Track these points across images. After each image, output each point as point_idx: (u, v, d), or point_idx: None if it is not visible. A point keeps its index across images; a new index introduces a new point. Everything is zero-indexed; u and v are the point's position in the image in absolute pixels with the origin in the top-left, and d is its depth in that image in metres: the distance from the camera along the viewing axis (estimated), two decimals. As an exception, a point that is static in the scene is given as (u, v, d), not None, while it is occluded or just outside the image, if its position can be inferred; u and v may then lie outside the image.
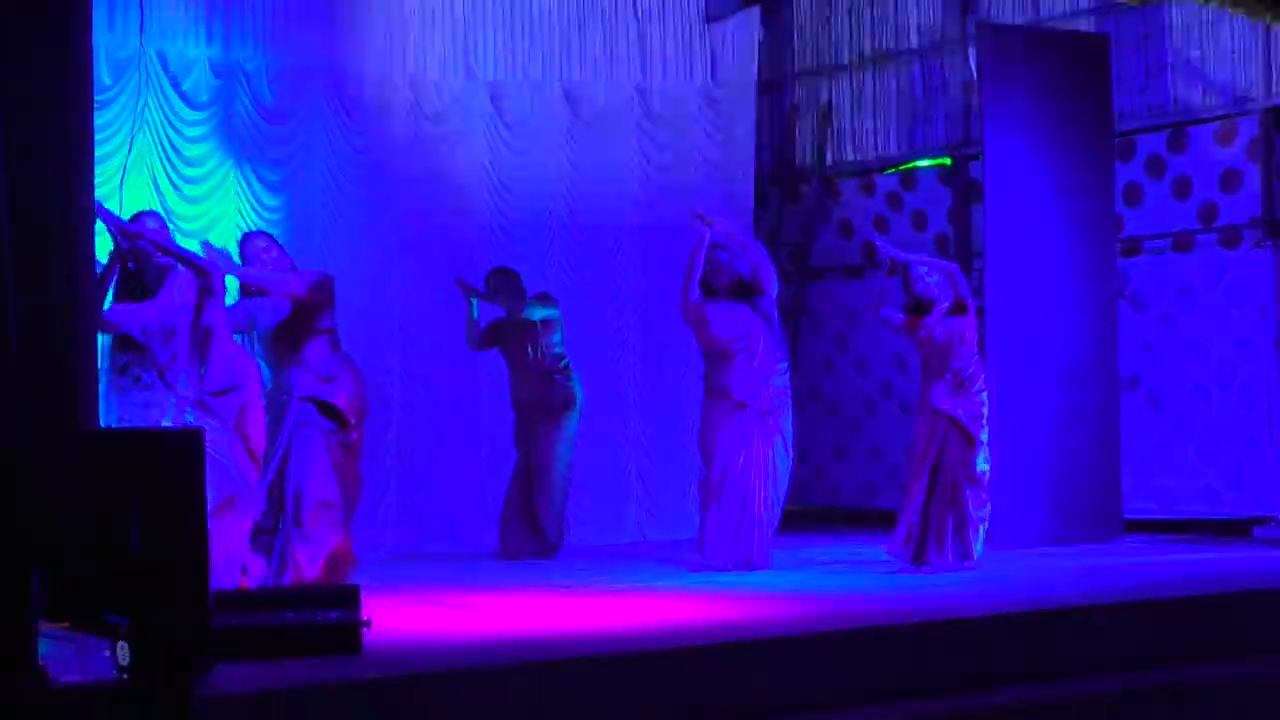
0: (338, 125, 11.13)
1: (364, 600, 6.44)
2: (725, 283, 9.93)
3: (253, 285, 8.81)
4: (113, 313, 7.92)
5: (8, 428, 5.11)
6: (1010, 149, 10.98)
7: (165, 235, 8.20)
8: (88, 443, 5.69)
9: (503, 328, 10.94)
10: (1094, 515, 11.08)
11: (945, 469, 9.52)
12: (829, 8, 13.78)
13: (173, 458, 5.43)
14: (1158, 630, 7.72)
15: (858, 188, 13.58)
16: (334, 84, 11.13)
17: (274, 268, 8.85)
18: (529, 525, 10.81)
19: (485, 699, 5.92)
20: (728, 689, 6.42)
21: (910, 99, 13.37)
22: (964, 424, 9.55)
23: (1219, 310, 11.55)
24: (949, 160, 13.06)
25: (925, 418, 9.67)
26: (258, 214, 10.69)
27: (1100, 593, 8.16)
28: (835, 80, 13.77)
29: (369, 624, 6.38)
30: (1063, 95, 11.23)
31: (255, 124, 10.81)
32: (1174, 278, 11.79)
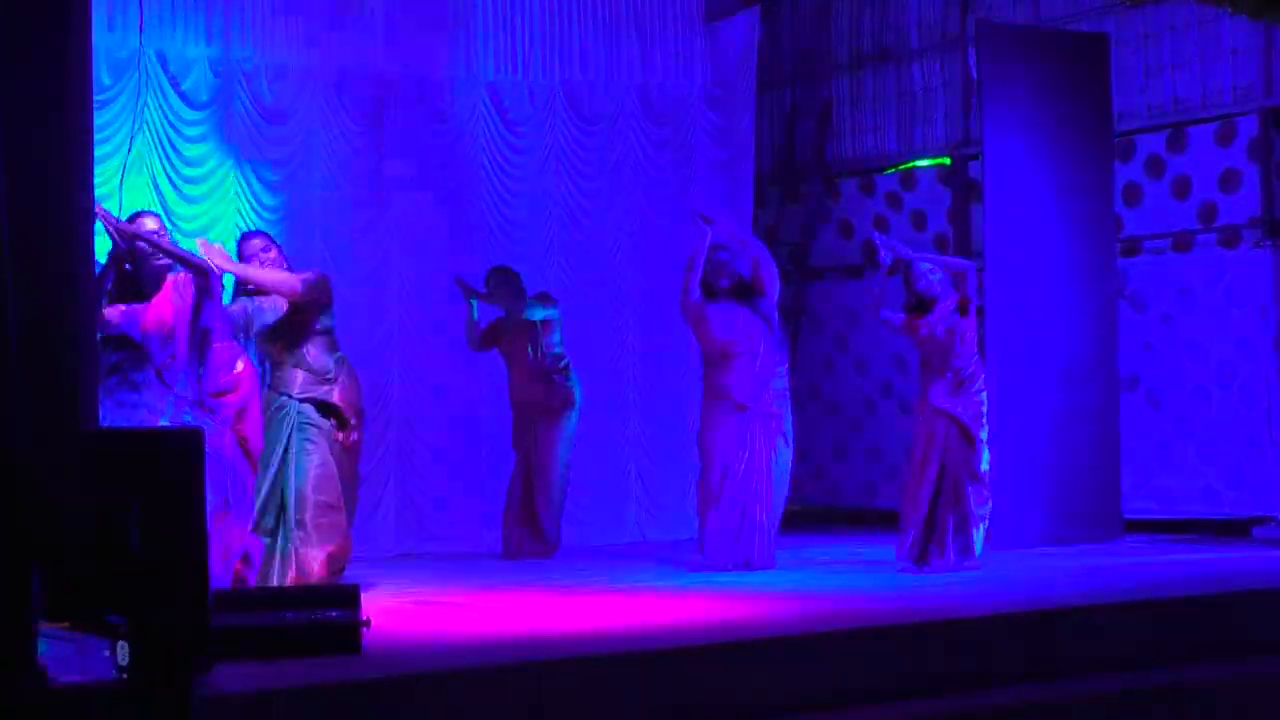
0: (338, 125, 11.13)
1: (364, 600, 6.44)
2: (726, 284, 9.92)
3: (251, 284, 8.80)
4: (111, 313, 7.91)
5: (8, 428, 5.11)
6: (1010, 149, 10.97)
7: (164, 236, 8.19)
8: (88, 443, 5.67)
9: (503, 328, 10.94)
10: (1094, 515, 11.08)
11: (949, 470, 9.52)
12: (829, 8, 13.78)
13: (173, 458, 5.42)
14: (1158, 630, 7.71)
15: (858, 187, 13.58)
16: (334, 84, 11.13)
17: (272, 267, 8.84)
18: (529, 525, 10.82)
19: (485, 699, 5.91)
20: (728, 689, 6.42)
21: (910, 99, 13.37)
22: (964, 423, 9.54)
23: (1219, 310, 11.54)
24: (949, 160, 13.05)
25: (925, 417, 9.66)
26: (257, 214, 10.70)
27: (1100, 593, 8.16)
28: (835, 80, 13.77)
29: (369, 624, 6.37)
30: (1062, 95, 11.23)
31: (255, 124, 10.81)
32: (1174, 278, 11.79)
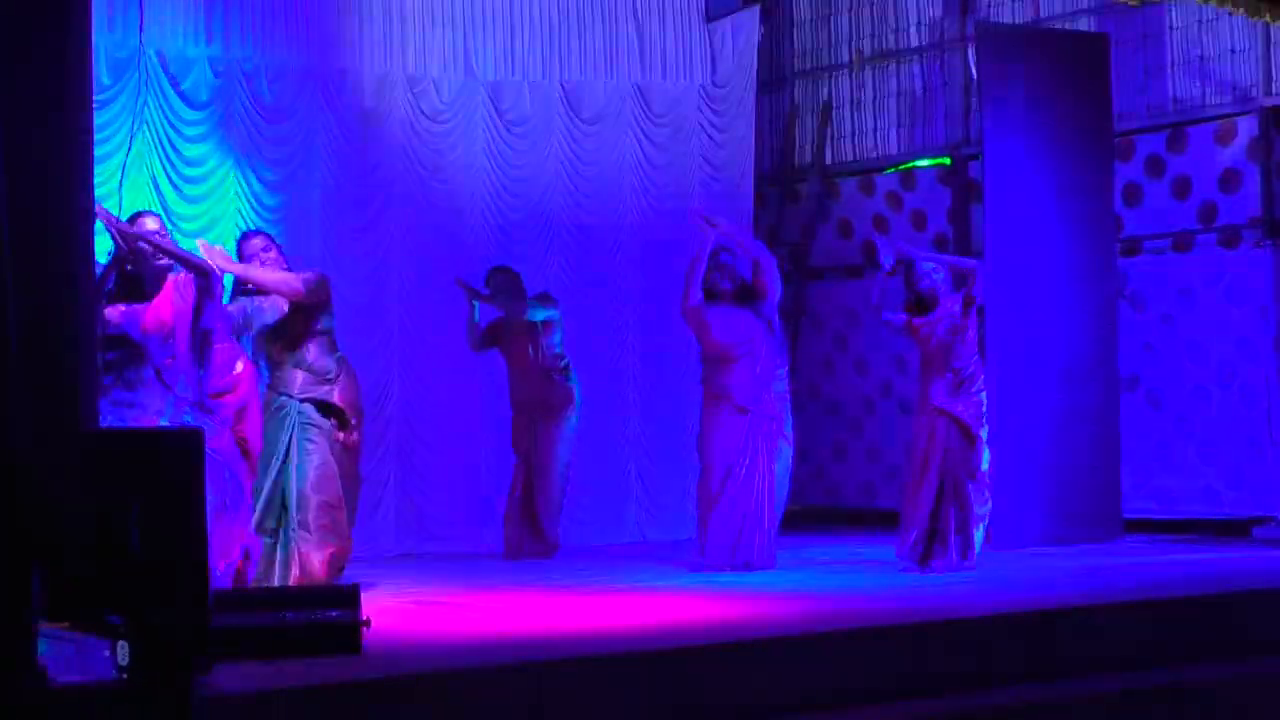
0: (338, 125, 11.14)
1: (364, 600, 6.44)
2: (728, 286, 9.91)
3: (251, 284, 8.80)
4: (111, 313, 7.91)
5: (8, 428, 5.10)
6: (1010, 149, 10.97)
7: (164, 236, 8.18)
8: (88, 443, 5.67)
9: (503, 328, 10.93)
10: (1094, 515, 11.08)
11: (949, 471, 9.51)
12: (829, 7, 13.78)
13: (172, 458, 5.42)
14: (1158, 630, 7.71)
15: (857, 187, 13.57)
16: (334, 84, 11.14)
17: (272, 267, 8.84)
18: (529, 525, 10.82)
19: (485, 699, 5.91)
20: (728, 689, 6.41)
21: (910, 99, 13.36)
22: (965, 422, 9.54)
23: (1219, 310, 11.54)
24: (949, 160, 13.05)
25: (925, 416, 9.66)
26: (257, 214, 10.70)
27: (1100, 593, 8.15)
28: (835, 80, 13.77)
29: (369, 624, 6.37)
30: (1062, 95, 11.23)
31: (255, 124, 10.82)
32: (1174, 278, 11.79)
